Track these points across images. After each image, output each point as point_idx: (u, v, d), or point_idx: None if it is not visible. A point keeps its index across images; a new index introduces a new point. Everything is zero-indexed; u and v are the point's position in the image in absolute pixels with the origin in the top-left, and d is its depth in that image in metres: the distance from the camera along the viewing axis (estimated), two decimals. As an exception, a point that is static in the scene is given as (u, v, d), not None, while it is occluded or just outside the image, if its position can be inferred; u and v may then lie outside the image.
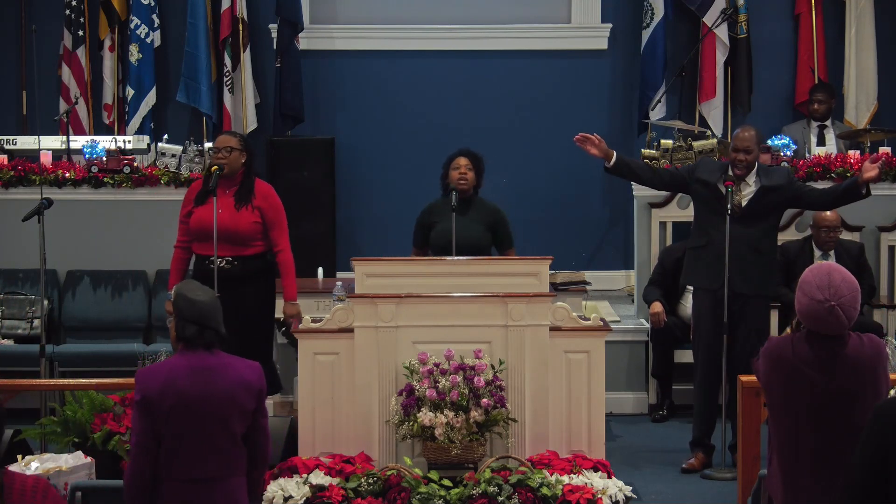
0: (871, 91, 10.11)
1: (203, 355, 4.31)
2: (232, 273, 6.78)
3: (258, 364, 4.42)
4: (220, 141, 6.92)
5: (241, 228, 6.80)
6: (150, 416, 4.26)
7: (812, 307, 4.24)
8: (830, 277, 4.25)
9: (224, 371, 4.28)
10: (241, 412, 4.28)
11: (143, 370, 4.37)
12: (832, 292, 4.22)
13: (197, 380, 4.25)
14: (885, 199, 8.66)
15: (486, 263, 6.69)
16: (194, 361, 4.29)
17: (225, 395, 4.25)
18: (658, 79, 10.07)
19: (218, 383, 4.26)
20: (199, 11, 10.02)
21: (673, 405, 8.28)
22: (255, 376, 4.35)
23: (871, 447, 3.78)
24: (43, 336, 7.37)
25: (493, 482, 6.07)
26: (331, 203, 9.90)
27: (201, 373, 4.27)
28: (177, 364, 4.31)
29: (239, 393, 4.28)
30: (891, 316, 8.45)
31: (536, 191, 10.32)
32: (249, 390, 4.30)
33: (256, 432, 4.35)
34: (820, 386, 4.23)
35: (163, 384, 4.26)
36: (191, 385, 4.25)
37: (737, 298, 6.97)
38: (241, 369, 4.33)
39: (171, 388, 4.25)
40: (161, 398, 4.25)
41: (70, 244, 8.48)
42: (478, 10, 10.46)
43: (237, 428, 4.29)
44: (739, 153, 7.03)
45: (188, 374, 4.26)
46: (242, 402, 4.28)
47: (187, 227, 6.90)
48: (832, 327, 4.23)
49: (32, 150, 8.76)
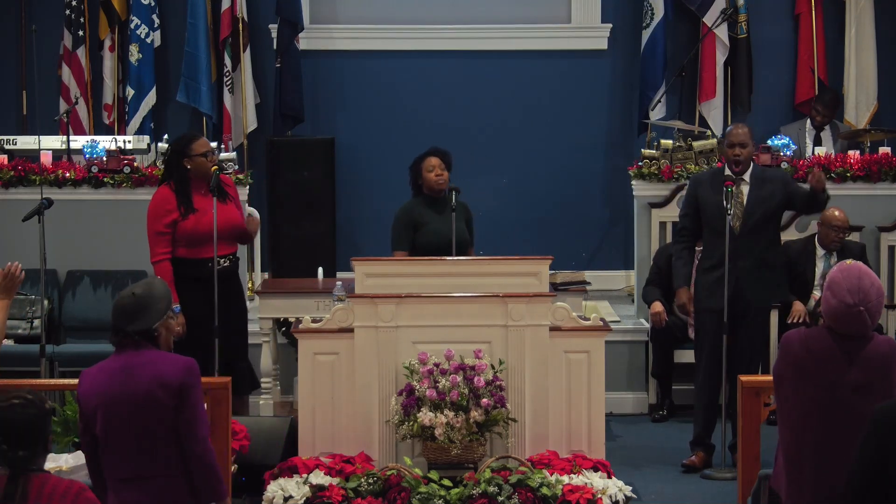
0: (871, 91, 10.11)
1: (128, 355, 4.32)
2: (230, 271, 6.85)
3: (188, 360, 4.33)
4: (206, 145, 6.87)
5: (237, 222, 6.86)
6: (83, 415, 4.34)
7: (840, 310, 4.26)
8: (861, 282, 4.27)
9: (142, 369, 4.27)
10: (159, 410, 4.23)
11: (84, 370, 4.42)
12: (862, 297, 4.24)
13: (115, 380, 4.27)
14: (885, 199, 8.67)
15: (486, 263, 6.69)
16: (117, 362, 4.33)
17: (141, 395, 4.23)
18: (658, 79, 10.07)
19: (134, 382, 4.25)
20: (199, 11, 10.02)
21: (673, 405, 8.28)
22: (177, 372, 4.26)
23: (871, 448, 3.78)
24: (43, 336, 7.37)
25: (493, 482, 6.07)
26: (331, 203, 9.90)
27: (120, 372, 4.29)
28: (106, 365, 4.36)
29: (154, 391, 4.23)
30: (891, 316, 8.46)
31: (536, 191, 10.32)
32: (167, 387, 4.24)
33: (181, 429, 4.25)
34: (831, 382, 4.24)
35: (88, 385, 4.33)
36: (109, 385, 4.27)
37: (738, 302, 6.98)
38: (162, 366, 4.27)
39: (95, 389, 4.30)
40: (87, 399, 4.31)
41: (70, 244, 8.48)
42: (478, 10, 10.46)
43: (159, 426, 4.24)
44: (735, 148, 7.04)
45: (109, 375, 4.30)
46: (160, 399, 4.23)
47: (170, 238, 6.78)
48: (857, 329, 4.26)
49: (32, 150, 8.76)
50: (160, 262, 6.80)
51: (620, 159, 10.09)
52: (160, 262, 6.80)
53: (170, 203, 6.79)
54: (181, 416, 4.26)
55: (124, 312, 4.37)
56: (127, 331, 4.34)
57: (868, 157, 8.79)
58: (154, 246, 6.81)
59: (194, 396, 4.31)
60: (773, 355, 7.83)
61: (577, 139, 10.38)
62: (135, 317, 4.35)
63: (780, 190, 7.05)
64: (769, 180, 7.08)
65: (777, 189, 7.05)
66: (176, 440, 4.26)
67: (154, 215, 6.82)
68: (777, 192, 7.05)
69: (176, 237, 6.78)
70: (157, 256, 6.80)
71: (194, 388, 4.31)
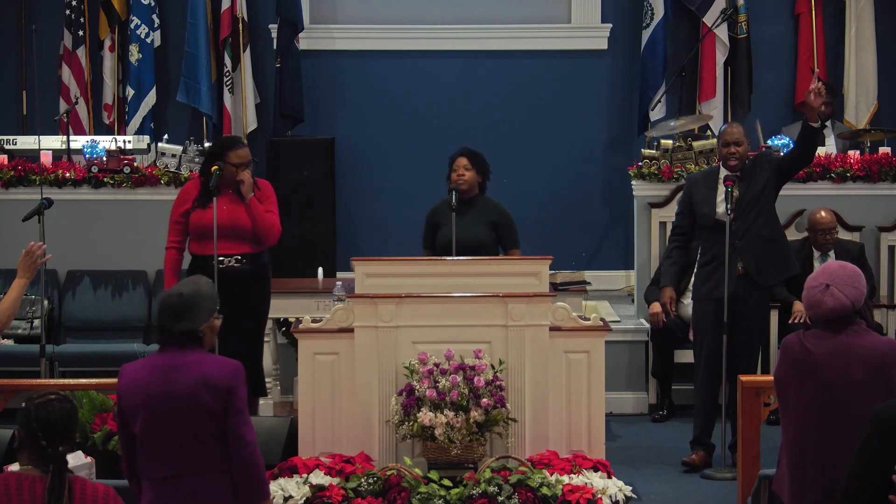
0: (871, 91, 10.12)
1: (173, 354, 4.29)
2: (242, 272, 6.75)
3: (235, 364, 4.32)
4: (245, 156, 6.79)
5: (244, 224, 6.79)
6: (122, 413, 4.32)
7: (809, 294, 4.38)
8: (827, 267, 4.43)
9: (188, 369, 4.24)
10: (204, 412, 4.21)
11: (124, 366, 4.39)
12: (826, 276, 4.38)
13: (159, 378, 4.25)
14: (885, 199, 8.67)
15: (486, 263, 6.69)
16: (162, 360, 4.29)
17: (186, 395, 4.21)
18: (658, 79, 10.08)
19: (178, 382, 4.22)
20: (199, 11, 10.03)
21: (673, 405, 8.28)
22: (225, 375, 4.24)
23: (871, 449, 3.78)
24: (43, 336, 7.37)
25: (493, 482, 6.07)
26: (331, 203, 9.90)
27: (165, 371, 4.25)
28: (148, 363, 4.33)
29: (200, 392, 4.21)
30: (891, 316, 8.46)
31: (536, 191, 10.32)
32: (213, 389, 4.22)
33: (228, 433, 4.25)
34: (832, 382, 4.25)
35: (130, 382, 4.30)
36: (153, 383, 4.25)
37: (736, 299, 6.98)
38: (210, 368, 4.25)
39: (137, 387, 4.27)
40: (128, 396, 4.29)
41: (70, 244, 8.48)
42: (478, 10, 10.46)
43: (201, 427, 4.22)
44: (730, 146, 7.04)
45: (153, 373, 4.27)
46: (204, 401, 4.21)
47: (183, 228, 6.86)
48: (830, 308, 4.31)
49: (32, 150, 8.77)
50: (168, 249, 6.90)
51: (620, 159, 10.10)
52: (168, 249, 6.90)
53: (190, 194, 6.88)
54: (228, 419, 4.24)
55: (170, 312, 4.31)
56: (172, 331, 4.30)
57: (868, 157, 8.79)
58: (169, 233, 6.92)
59: (240, 400, 4.28)
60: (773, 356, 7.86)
61: (577, 139, 10.39)
62: (181, 317, 4.30)
63: (766, 174, 7.03)
64: (757, 167, 7.07)
65: (764, 175, 7.02)
66: (218, 441, 4.25)
67: (175, 203, 6.94)
68: (764, 178, 7.02)
69: (188, 230, 6.84)
70: (168, 244, 6.91)
71: (240, 392, 4.29)
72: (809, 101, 6.83)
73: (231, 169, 6.77)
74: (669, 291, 7.35)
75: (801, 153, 7.06)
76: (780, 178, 7.08)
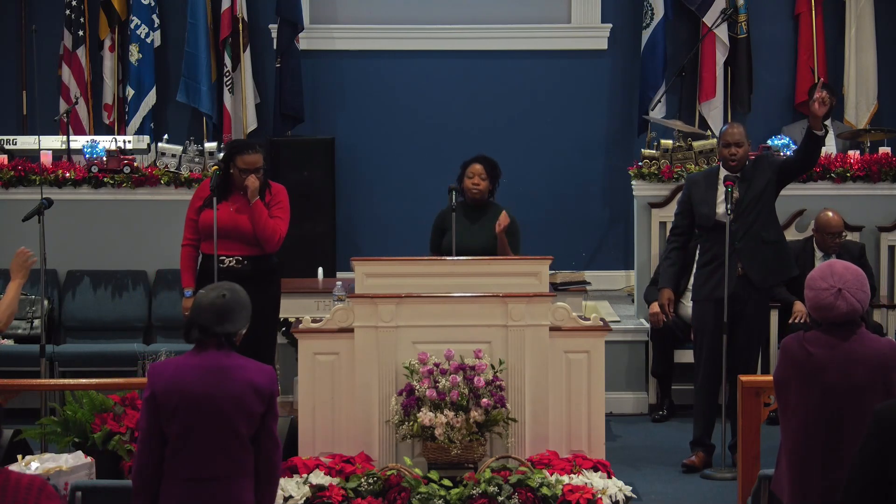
0: (871, 91, 10.12)
1: (214, 355, 4.28)
2: (242, 273, 6.72)
3: (271, 368, 4.38)
4: (252, 161, 6.79)
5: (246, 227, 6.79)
6: (156, 412, 4.26)
7: (819, 297, 4.32)
8: (832, 268, 4.37)
9: (234, 373, 4.26)
10: (248, 414, 4.25)
11: (155, 365, 4.36)
12: (836, 279, 4.32)
13: (205, 379, 4.23)
14: (885, 199, 8.67)
15: (486, 263, 6.69)
16: (204, 361, 4.27)
17: (232, 397, 4.22)
18: (658, 79, 10.08)
19: (226, 384, 4.23)
20: (199, 11, 10.03)
21: (673, 405, 8.27)
22: (267, 380, 4.30)
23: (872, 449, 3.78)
24: (43, 336, 7.36)
25: (493, 482, 6.07)
26: (331, 203, 9.90)
27: (210, 373, 4.24)
28: (186, 363, 4.29)
29: (247, 395, 4.24)
30: (891, 316, 8.46)
31: (536, 191, 10.32)
32: (259, 393, 4.26)
33: (263, 435, 4.30)
34: (833, 383, 4.25)
35: (169, 381, 4.26)
36: (198, 384, 4.23)
37: (736, 299, 6.98)
38: (253, 372, 4.29)
39: (178, 386, 4.24)
40: (167, 395, 4.24)
41: (70, 244, 8.48)
42: (478, 10, 10.46)
43: (244, 430, 4.25)
44: (731, 147, 7.04)
45: (196, 373, 4.25)
46: (250, 405, 4.24)
47: (195, 226, 6.90)
48: (843, 313, 4.28)
49: (32, 150, 8.76)
50: (184, 246, 6.96)
51: (620, 159, 10.09)
52: (184, 246, 6.96)
53: (204, 192, 6.91)
54: (265, 422, 4.28)
55: (216, 312, 4.28)
56: (215, 331, 4.29)
57: (868, 157, 8.79)
58: (185, 230, 6.98)
59: (276, 405, 4.36)
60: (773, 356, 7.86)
61: (576, 139, 10.39)
62: (225, 318, 4.29)
63: (767, 175, 7.03)
64: (758, 168, 7.06)
65: (765, 177, 7.03)
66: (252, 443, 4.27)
67: (191, 201, 6.99)
68: (765, 179, 7.02)
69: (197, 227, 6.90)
70: (184, 240, 6.97)
71: (277, 396, 4.35)
72: (814, 109, 6.82)
73: (236, 174, 6.80)
74: (668, 293, 7.35)
75: (804, 159, 7.06)
76: (781, 180, 7.08)
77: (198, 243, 6.93)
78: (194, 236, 6.92)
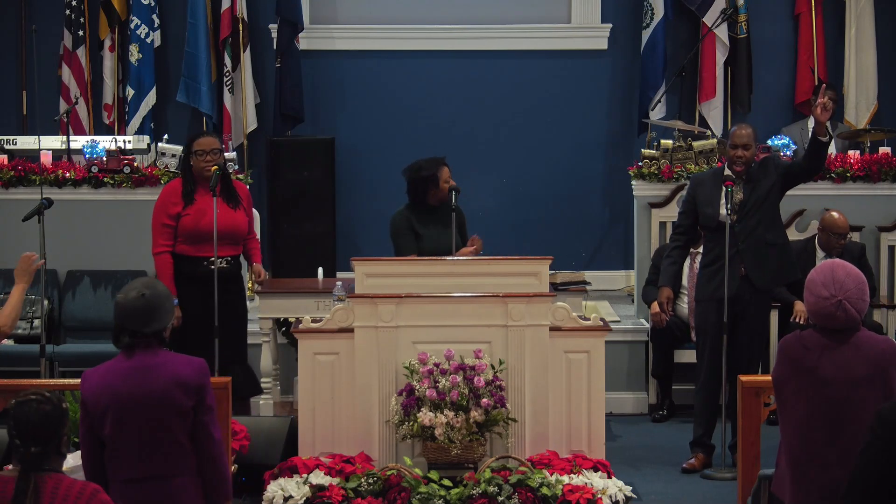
0: (871, 91, 10.12)
1: (141, 355, 4.28)
2: (229, 273, 6.85)
3: (202, 361, 4.33)
4: (207, 143, 6.89)
5: (240, 227, 6.88)
6: (88, 416, 4.30)
7: (820, 304, 4.30)
8: (834, 273, 4.32)
9: (159, 370, 4.24)
10: (178, 411, 4.22)
11: (86, 372, 4.37)
12: (837, 287, 4.28)
13: (130, 380, 4.24)
14: (885, 199, 8.67)
15: (486, 263, 6.69)
16: (132, 362, 4.28)
17: (158, 395, 4.21)
18: (658, 79, 10.08)
19: (151, 383, 4.22)
20: (199, 11, 10.03)
21: (673, 405, 8.28)
22: (194, 373, 4.26)
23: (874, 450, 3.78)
24: (43, 336, 7.36)
25: (493, 482, 6.07)
26: (331, 203, 9.90)
27: (135, 373, 4.25)
28: (114, 365, 4.31)
29: (172, 391, 4.22)
30: (891, 316, 8.46)
31: (536, 191, 10.32)
32: (185, 387, 4.23)
33: (198, 430, 4.26)
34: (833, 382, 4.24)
35: (98, 385, 4.28)
36: (124, 385, 4.24)
37: (738, 300, 6.98)
38: (179, 367, 4.26)
39: (106, 389, 4.26)
40: (96, 399, 4.27)
41: (70, 244, 8.48)
42: (478, 10, 10.46)
43: (176, 427, 4.23)
44: (738, 149, 7.04)
45: (123, 375, 4.26)
46: (178, 400, 4.22)
47: (172, 231, 6.86)
48: (843, 322, 4.27)
49: (32, 150, 8.76)
50: (160, 253, 6.90)
51: (620, 159, 10.09)
52: (160, 253, 6.90)
53: (175, 196, 6.90)
54: (198, 417, 4.26)
55: (138, 314, 4.30)
56: (144, 332, 4.29)
57: (868, 157, 8.79)
58: (157, 237, 6.91)
59: (210, 397, 4.31)
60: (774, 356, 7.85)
61: (577, 139, 10.39)
62: (151, 318, 4.30)
63: (771, 173, 7.03)
64: (763, 170, 7.06)
65: (769, 179, 7.02)
66: (189, 441, 4.25)
67: (160, 206, 6.93)
68: (769, 182, 7.02)
69: (178, 232, 6.84)
70: (159, 248, 6.90)
71: (209, 389, 4.31)
72: (817, 115, 6.80)
73: (197, 159, 6.84)
74: (667, 291, 7.33)
75: (810, 165, 7.03)
76: (786, 183, 7.09)
77: (172, 249, 6.89)
78: (171, 241, 6.87)
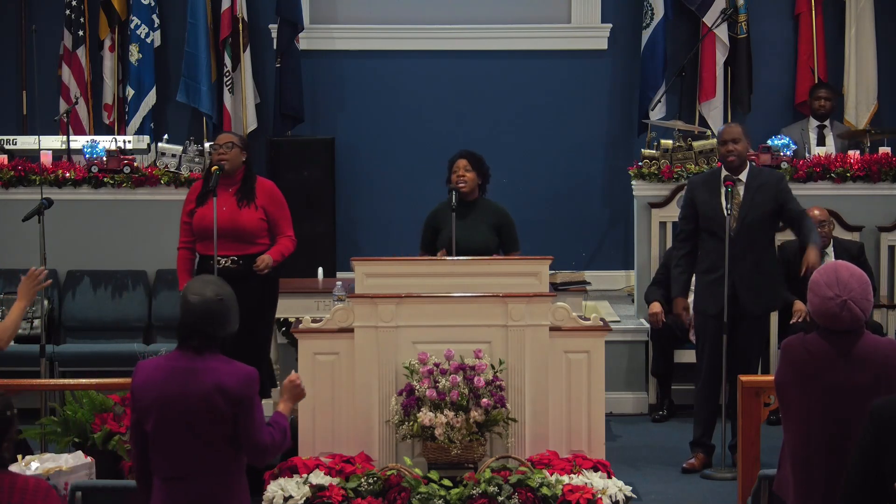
0: (871, 91, 10.12)
1: (189, 356, 4.28)
2: (237, 272, 6.72)
3: (249, 370, 4.32)
4: (221, 137, 6.97)
5: (244, 226, 6.80)
6: (135, 408, 4.32)
7: (824, 305, 4.29)
8: (838, 274, 4.32)
9: (202, 375, 4.24)
10: (216, 417, 4.23)
11: (140, 362, 4.39)
12: (842, 288, 4.28)
13: (175, 380, 4.25)
14: (885, 199, 8.67)
15: (486, 263, 6.69)
16: (178, 362, 4.29)
17: (197, 399, 4.21)
18: (658, 79, 10.08)
19: (194, 386, 4.23)
20: (199, 11, 10.03)
21: (673, 405, 8.28)
22: (238, 383, 4.25)
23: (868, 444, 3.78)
24: (43, 336, 7.37)
25: (493, 482, 6.07)
26: (331, 203, 9.90)
27: (181, 374, 4.25)
28: (165, 363, 4.32)
29: (214, 397, 4.22)
30: (891, 316, 8.46)
31: (536, 191, 10.32)
32: (226, 395, 4.22)
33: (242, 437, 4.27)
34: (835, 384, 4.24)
35: (145, 380, 4.30)
36: (167, 384, 4.25)
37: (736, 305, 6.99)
38: (224, 374, 4.26)
39: (151, 385, 4.27)
40: (141, 393, 4.29)
41: (70, 244, 8.48)
42: (478, 10, 10.46)
43: (212, 430, 4.23)
44: (728, 144, 7.06)
45: (168, 374, 4.27)
46: (218, 408, 4.22)
47: (190, 228, 6.91)
48: (848, 322, 4.26)
49: (32, 150, 8.77)
50: (178, 249, 7.02)
51: (620, 159, 10.10)
52: (178, 249, 7.02)
53: (193, 193, 6.97)
54: (241, 424, 4.26)
55: (215, 317, 4.28)
56: (217, 335, 4.28)
57: (868, 157, 8.79)
58: (180, 233, 7.02)
59: (252, 406, 4.28)
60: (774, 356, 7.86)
61: (577, 139, 10.39)
62: (227, 321, 4.30)
63: (771, 199, 7.03)
64: (764, 184, 7.06)
65: (769, 197, 7.03)
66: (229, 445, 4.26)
67: (185, 202, 7.02)
68: (769, 200, 7.03)
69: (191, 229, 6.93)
70: (179, 244, 7.02)
71: (252, 398, 4.29)
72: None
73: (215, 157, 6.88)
74: (682, 301, 7.19)
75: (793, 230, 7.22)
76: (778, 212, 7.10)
77: (193, 245, 6.93)
78: (189, 238, 6.95)
